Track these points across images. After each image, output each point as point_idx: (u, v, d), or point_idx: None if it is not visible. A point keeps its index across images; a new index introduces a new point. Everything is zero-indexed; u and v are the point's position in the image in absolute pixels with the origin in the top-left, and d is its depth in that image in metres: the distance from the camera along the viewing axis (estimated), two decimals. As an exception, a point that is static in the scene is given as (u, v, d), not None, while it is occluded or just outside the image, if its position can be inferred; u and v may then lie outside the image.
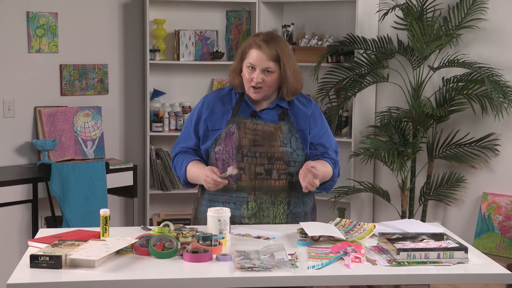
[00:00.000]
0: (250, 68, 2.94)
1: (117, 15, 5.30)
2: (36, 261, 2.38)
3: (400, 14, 4.84)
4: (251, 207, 2.95)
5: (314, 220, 3.07)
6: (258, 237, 2.77)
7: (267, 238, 2.76)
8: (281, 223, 2.97)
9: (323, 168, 2.94)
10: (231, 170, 2.85)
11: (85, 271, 2.36)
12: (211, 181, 2.86)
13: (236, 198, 2.95)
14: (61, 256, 2.37)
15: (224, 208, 2.75)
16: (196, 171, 2.97)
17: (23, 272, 2.37)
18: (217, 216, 2.69)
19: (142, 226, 2.93)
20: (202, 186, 3.06)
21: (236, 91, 3.05)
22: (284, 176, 2.95)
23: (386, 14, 4.79)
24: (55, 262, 2.37)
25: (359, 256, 2.51)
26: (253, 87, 2.95)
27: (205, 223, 2.99)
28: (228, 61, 5.45)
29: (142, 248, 2.55)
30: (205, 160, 3.05)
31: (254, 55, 2.93)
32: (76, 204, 4.46)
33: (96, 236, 2.69)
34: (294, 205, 3.00)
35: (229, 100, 3.05)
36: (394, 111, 4.99)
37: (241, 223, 2.94)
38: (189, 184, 3.08)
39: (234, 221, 2.94)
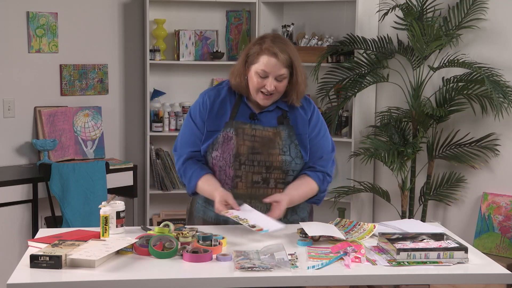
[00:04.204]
0: (261, 75, 2.83)
1: (117, 15, 5.30)
2: (36, 261, 2.38)
3: (400, 14, 4.84)
4: None
5: None
6: (253, 226, 2.71)
7: (261, 230, 2.70)
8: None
9: (298, 193, 2.89)
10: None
11: (85, 271, 2.36)
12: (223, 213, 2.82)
13: None
14: (61, 256, 2.38)
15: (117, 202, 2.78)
16: (210, 192, 2.88)
17: (23, 272, 2.37)
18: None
19: (142, 226, 2.93)
20: None
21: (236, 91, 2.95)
22: (281, 186, 2.90)
23: (386, 14, 4.79)
24: (55, 262, 2.37)
25: (359, 256, 2.51)
26: (264, 93, 2.85)
27: (200, 221, 2.99)
28: (228, 61, 5.45)
29: (142, 248, 2.55)
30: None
31: (266, 62, 2.80)
32: (76, 204, 4.46)
33: (96, 236, 2.70)
34: (291, 213, 2.95)
35: (228, 99, 2.94)
36: (394, 111, 5.00)
37: None
38: (196, 194, 2.99)
39: None
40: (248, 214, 2.80)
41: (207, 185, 2.89)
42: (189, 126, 2.99)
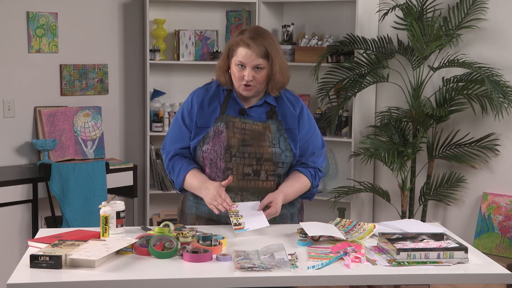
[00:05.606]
0: (240, 66, 2.90)
1: (117, 15, 5.30)
2: (36, 261, 2.38)
3: (400, 14, 4.84)
4: None
5: (301, 221, 3.05)
6: (238, 224, 2.75)
7: (241, 228, 2.74)
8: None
9: (292, 189, 2.94)
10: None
11: (85, 271, 2.36)
12: (219, 206, 2.82)
13: None
14: (61, 256, 2.38)
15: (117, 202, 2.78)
16: (198, 185, 2.91)
17: (23, 272, 2.37)
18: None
19: (142, 226, 2.93)
20: None
21: (224, 88, 3.02)
22: (272, 178, 2.93)
23: (386, 14, 4.79)
24: (55, 262, 2.37)
25: (359, 256, 2.51)
26: (244, 84, 2.91)
27: (193, 217, 2.99)
28: (228, 61, 5.44)
29: (142, 248, 2.55)
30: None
31: (243, 53, 2.88)
32: (76, 204, 4.46)
33: (96, 236, 2.70)
34: (281, 206, 2.95)
35: (217, 96, 3.01)
36: (394, 111, 5.00)
37: (227, 223, 2.91)
38: (184, 191, 3.03)
39: (219, 220, 2.94)
40: (248, 211, 2.83)
41: (195, 179, 2.93)
42: (177, 124, 3.04)
